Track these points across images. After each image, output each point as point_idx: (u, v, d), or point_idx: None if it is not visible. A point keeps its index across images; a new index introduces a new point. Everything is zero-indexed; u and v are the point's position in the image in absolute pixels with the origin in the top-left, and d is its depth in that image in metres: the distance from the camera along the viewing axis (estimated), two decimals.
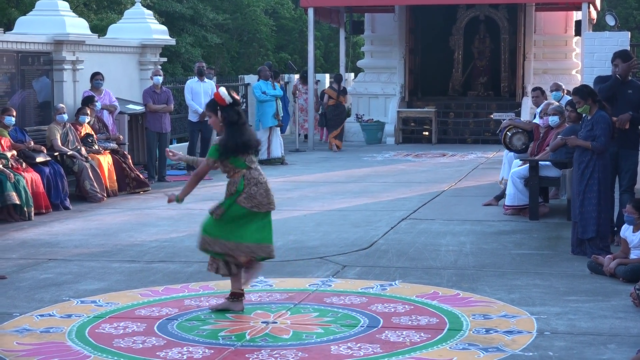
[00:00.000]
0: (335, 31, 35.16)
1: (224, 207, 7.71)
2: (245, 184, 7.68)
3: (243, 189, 7.67)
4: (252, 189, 7.68)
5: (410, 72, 25.95)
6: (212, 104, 7.80)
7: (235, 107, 7.75)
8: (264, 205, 7.74)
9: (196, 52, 35.98)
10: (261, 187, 7.71)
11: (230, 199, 7.70)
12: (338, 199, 14.53)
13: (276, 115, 19.55)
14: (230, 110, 7.72)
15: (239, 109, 7.82)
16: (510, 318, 7.55)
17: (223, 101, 7.70)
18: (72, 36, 15.79)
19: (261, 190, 7.71)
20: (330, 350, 6.76)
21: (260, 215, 7.78)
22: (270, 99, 19.58)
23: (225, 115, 7.71)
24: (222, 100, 7.70)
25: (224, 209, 7.70)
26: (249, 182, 7.70)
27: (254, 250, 7.79)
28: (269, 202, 7.78)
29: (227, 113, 7.71)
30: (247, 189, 7.68)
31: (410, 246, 10.61)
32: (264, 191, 7.72)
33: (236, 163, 7.71)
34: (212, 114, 7.79)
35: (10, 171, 12.67)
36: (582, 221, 9.84)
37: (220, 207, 7.73)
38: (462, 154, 21.56)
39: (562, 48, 25.79)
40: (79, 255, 10.38)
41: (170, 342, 7.00)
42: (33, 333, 7.29)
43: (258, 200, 7.70)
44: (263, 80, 19.92)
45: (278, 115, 19.61)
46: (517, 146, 13.30)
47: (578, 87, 10.24)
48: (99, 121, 15.76)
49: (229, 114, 7.70)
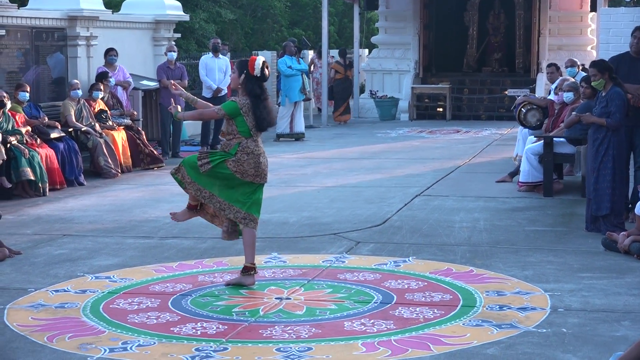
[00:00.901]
0: (349, 7, 35.03)
1: (212, 164, 7.77)
2: (238, 150, 7.77)
3: (234, 154, 7.76)
4: (242, 156, 7.76)
5: (424, 48, 25.86)
6: (242, 64, 7.85)
7: (259, 81, 7.78)
8: (249, 175, 7.79)
9: (210, 28, 35.87)
10: (251, 157, 7.77)
11: (220, 157, 7.77)
12: (352, 175, 14.53)
13: (303, 90, 19.55)
14: (254, 82, 7.77)
15: (262, 85, 7.84)
16: (524, 295, 7.55)
17: (252, 69, 7.74)
18: (86, 12, 15.78)
19: (250, 160, 7.77)
20: (343, 327, 6.77)
21: (247, 185, 7.82)
22: (296, 73, 19.55)
23: (246, 83, 7.78)
24: (252, 68, 7.74)
25: (212, 166, 7.77)
26: (242, 149, 7.77)
27: (223, 208, 7.84)
28: (256, 174, 7.81)
29: (249, 82, 7.77)
30: (238, 154, 7.76)
31: (423, 223, 10.60)
32: (252, 162, 7.77)
33: (241, 127, 7.76)
34: (237, 71, 7.86)
35: (24, 147, 12.70)
36: (596, 198, 9.81)
37: (209, 162, 7.78)
38: (476, 130, 21.51)
39: (577, 24, 25.64)
40: (93, 231, 10.41)
41: (184, 318, 7.03)
42: (48, 308, 7.32)
43: (244, 167, 7.77)
44: (288, 55, 19.90)
45: (305, 89, 19.62)
46: (532, 122, 13.27)
47: (596, 60, 10.18)
48: (113, 97, 15.77)
49: (251, 85, 7.76)
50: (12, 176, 12.54)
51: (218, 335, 6.58)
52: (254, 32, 41.43)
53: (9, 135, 12.66)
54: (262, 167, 7.85)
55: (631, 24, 11.98)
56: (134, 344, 6.43)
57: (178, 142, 17.25)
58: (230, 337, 6.55)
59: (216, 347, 6.34)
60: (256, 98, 7.75)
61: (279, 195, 12.54)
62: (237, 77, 7.84)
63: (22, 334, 6.67)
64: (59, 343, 6.45)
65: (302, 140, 19.59)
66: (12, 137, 12.68)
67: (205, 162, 7.79)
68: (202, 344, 6.40)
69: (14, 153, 12.58)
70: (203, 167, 7.79)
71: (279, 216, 11.05)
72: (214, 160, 7.78)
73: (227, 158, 7.76)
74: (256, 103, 7.75)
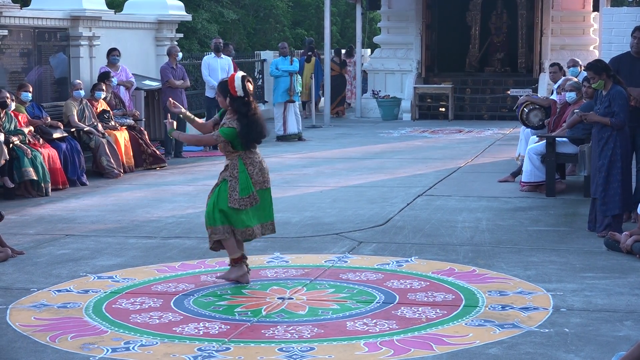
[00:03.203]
0: (351, 7, 35.01)
1: (243, 194, 7.88)
2: (246, 164, 7.90)
3: (244, 170, 7.88)
4: (248, 168, 7.89)
5: (426, 48, 25.85)
6: (224, 87, 7.91)
7: (244, 99, 7.84)
8: (259, 184, 7.95)
9: (212, 28, 35.89)
10: (256, 166, 7.94)
11: (242, 184, 7.87)
12: (354, 175, 14.53)
13: (289, 91, 19.51)
14: (239, 102, 7.85)
15: (249, 101, 7.89)
16: (526, 294, 7.55)
17: (234, 91, 7.83)
18: (88, 12, 15.79)
19: (256, 169, 7.94)
20: (346, 326, 6.77)
21: (264, 194, 8.04)
22: (282, 74, 19.53)
23: (233, 104, 7.88)
24: (234, 90, 7.83)
25: (246, 196, 7.89)
26: (248, 163, 7.90)
27: (269, 228, 8.23)
28: (264, 180, 8.00)
29: (235, 103, 7.87)
30: (249, 168, 7.90)
31: (426, 222, 10.60)
32: (258, 169, 7.95)
33: (238, 147, 7.89)
34: (221, 95, 7.94)
35: (27, 147, 12.71)
36: (605, 198, 9.71)
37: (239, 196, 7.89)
38: (479, 130, 21.50)
39: (579, 24, 25.62)
40: (95, 231, 10.42)
41: (187, 318, 7.03)
42: (50, 308, 7.33)
43: (254, 179, 7.91)
44: (282, 56, 19.91)
45: (291, 90, 19.56)
46: (534, 122, 13.26)
47: (591, 62, 10.07)
48: (116, 97, 15.78)
49: (237, 105, 7.86)
50: (15, 176, 12.55)
51: (220, 335, 6.59)
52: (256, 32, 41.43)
53: (12, 136, 12.67)
54: (265, 171, 8.02)
55: (633, 23, 11.99)
56: (137, 344, 6.44)
57: (180, 143, 17.24)
58: (232, 337, 6.55)
59: (218, 347, 6.34)
60: (244, 117, 7.85)
61: (281, 195, 12.54)
62: (224, 100, 7.93)
63: (24, 334, 6.68)
64: (62, 343, 6.46)
65: (303, 140, 19.56)
66: (14, 137, 12.69)
67: (238, 199, 7.87)
68: (205, 343, 6.41)
69: (17, 153, 12.59)
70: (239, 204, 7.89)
71: (281, 216, 11.04)
72: (242, 191, 7.87)
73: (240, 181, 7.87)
74: (246, 123, 7.83)
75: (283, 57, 19.87)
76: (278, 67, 19.62)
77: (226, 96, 7.88)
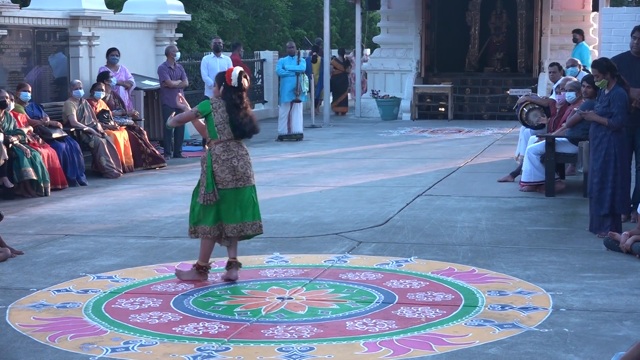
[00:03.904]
0: (351, 7, 35.05)
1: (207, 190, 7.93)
2: (212, 162, 7.95)
3: (210, 166, 7.93)
4: (213, 165, 7.94)
5: (426, 47, 25.85)
6: (221, 76, 8.11)
7: (237, 91, 7.96)
8: (228, 182, 7.94)
9: (212, 28, 35.92)
10: (224, 164, 7.93)
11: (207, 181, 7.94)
12: (354, 175, 14.53)
13: (295, 91, 19.51)
14: (232, 92, 7.97)
15: (241, 94, 8.01)
16: (526, 294, 7.55)
17: (230, 80, 7.96)
18: (88, 12, 15.79)
19: (224, 167, 7.93)
20: (345, 326, 6.77)
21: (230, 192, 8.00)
22: (289, 74, 19.54)
23: (225, 93, 7.99)
24: (230, 79, 7.96)
25: (210, 191, 7.92)
26: (214, 160, 7.95)
27: (243, 229, 8.12)
28: (237, 179, 7.96)
29: (228, 92, 7.98)
30: (213, 166, 7.94)
31: (425, 222, 10.60)
32: (226, 167, 7.93)
33: (210, 126, 7.97)
34: (217, 84, 8.10)
35: (26, 147, 12.71)
36: (599, 198, 9.74)
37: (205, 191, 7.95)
38: (478, 130, 21.50)
39: (579, 24, 25.56)
40: (95, 231, 10.41)
41: (186, 318, 7.03)
42: (50, 308, 7.32)
43: (218, 177, 7.92)
44: (289, 55, 19.92)
45: (297, 90, 19.56)
46: (534, 122, 13.26)
47: (597, 60, 10.11)
48: (115, 97, 15.78)
49: (229, 95, 7.97)
50: (14, 176, 12.54)
51: (220, 335, 6.59)
52: (255, 32, 41.44)
53: (11, 135, 12.67)
54: (239, 169, 7.96)
55: (633, 23, 11.98)
56: (136, 343, 6.44)
57: (180, 142, 17.25)
58: (232, 337, 6.55)
59: (218, 347, 6.34)
60: (235, 107, 7.93)
61: (280, 195, 12.54)
62: (218, 89, 8.06)
63: (24, 334, 6.67)
64: (61, 343, 6.46)
65: (302, 140, 19.56)
66: (14, 137, 12.68)
67: (203, 194, 7.91)
68: (204, 343, 6.41)
69: (16, 153, 12.58)
70: (203, 199, 7.92)
71: (280, 216, 11.05)
72: (207, 186, 7.91)
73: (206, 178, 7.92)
74: (234, 111, 7.92)
75: (290, 56, 19.87)
76: (285, 67, 19.62)
77: (221, 84, 8.02)
